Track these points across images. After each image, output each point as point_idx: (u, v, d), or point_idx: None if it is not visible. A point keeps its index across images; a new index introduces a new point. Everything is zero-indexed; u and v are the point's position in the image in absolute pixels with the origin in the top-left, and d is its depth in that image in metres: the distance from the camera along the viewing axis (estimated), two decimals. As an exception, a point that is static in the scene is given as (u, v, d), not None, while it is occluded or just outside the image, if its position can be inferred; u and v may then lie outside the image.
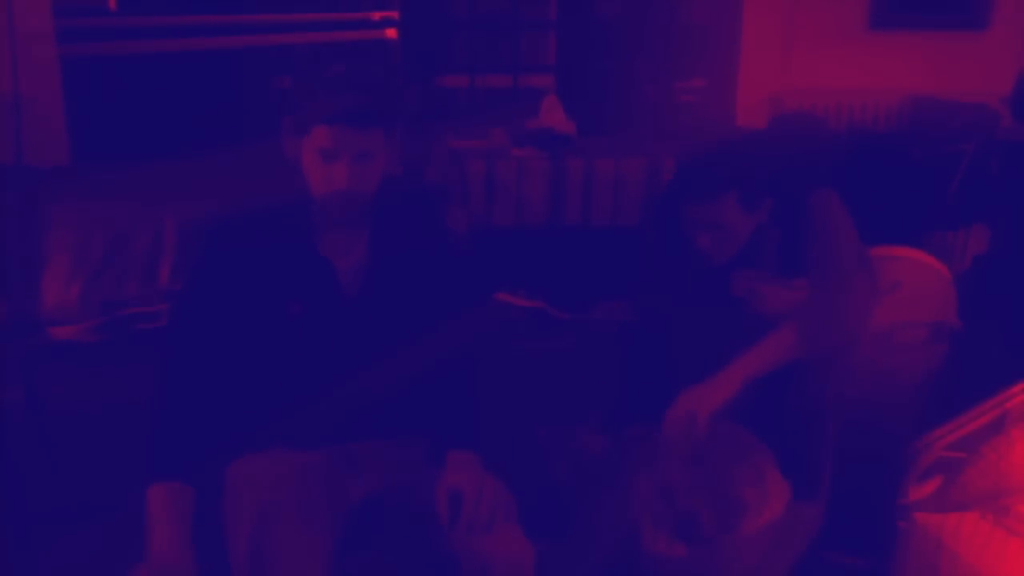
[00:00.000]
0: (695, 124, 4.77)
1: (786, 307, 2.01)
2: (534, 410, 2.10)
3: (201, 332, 1.70)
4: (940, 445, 1.97)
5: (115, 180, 3.03)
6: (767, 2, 4.44)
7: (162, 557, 1.58)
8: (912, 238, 2.78)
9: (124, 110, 4.05)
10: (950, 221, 3.72)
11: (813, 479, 2.01)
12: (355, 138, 1.63)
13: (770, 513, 1.84)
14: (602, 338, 2.41)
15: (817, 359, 1.99)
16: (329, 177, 1.66)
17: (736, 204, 1.97)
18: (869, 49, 4.45)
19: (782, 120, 4.07)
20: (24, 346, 2.59)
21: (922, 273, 2.45)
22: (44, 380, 2.41)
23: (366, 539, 1.75)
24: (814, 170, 2.32)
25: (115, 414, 2.38)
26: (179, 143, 3.86)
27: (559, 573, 1.86)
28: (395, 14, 4.93)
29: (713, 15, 4.73)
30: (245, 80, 4.62)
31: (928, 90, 4.37)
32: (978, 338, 2.57)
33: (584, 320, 2.58)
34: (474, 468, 1.70)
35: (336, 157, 1.64)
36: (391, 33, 4.92)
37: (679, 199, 2.02)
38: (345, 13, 4.82)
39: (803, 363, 1.98)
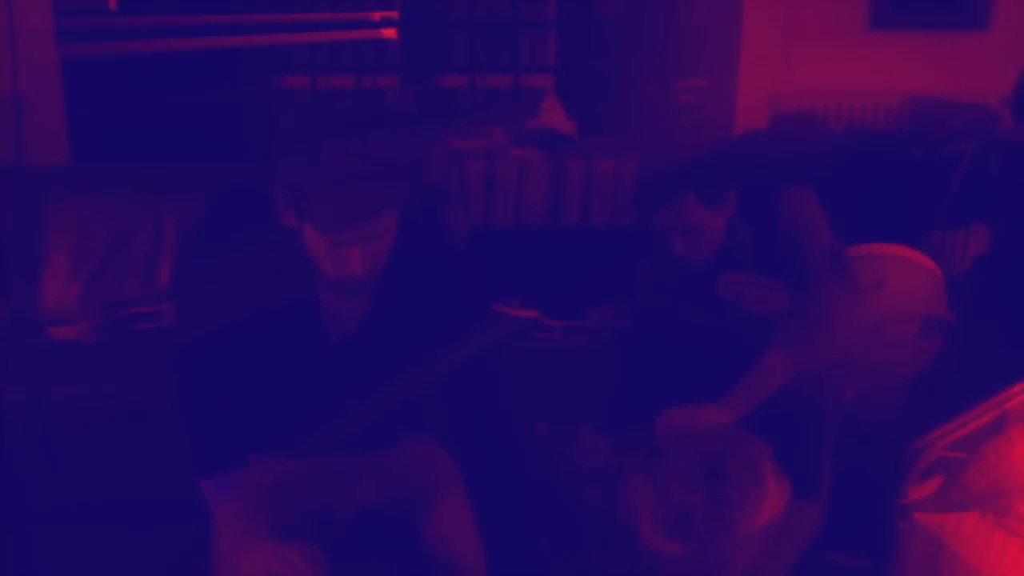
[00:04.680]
0: (695, 124, 4.77)
1: (771, 307, 2.02)
2: (533, 411, 2.10)
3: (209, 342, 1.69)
4: (940, 445, 1.97)
5: (115, 180, 3.03)
6: (767, 2, 4.42)
7: None
8: (912, 238, 2.78)
9: (124, 110, 4.06)
10: (950, 221, 3.71)
11: (813, 479, 2.01)
12: (364, 228, 1.52)
13: (770, 512, 1.84)
14: (597, 343, 2.41)
15: (815, 369, 2.00)
16: (341, 262, 1.55)
17: (697, 203, 1.97)
18: (869, 49, 4.44)
19: (782, 120, 4.07)
20: (24, 346, 2.59)
21: (907, 269, 2.46)
22: (44, 380, 2.41)
23: (353, 549, 1.75)
24: (781, 168, 2.31)
25: (115, 414, 2.38)
26: (179, 143, 3.87)
27: (559, 572, 1.87)
28: (395, 14, 4.93)
29: (713, 15, 4.72)
30: (245, 80, 4.62)
31: (928, 90, 4.36)
32: (978, 338, 2.57)
33: (577, 328, 2.58)
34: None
35: (346, 246, 1.53)
36: (391, 33, 4.92)
37: (644, 209, 2.03)
38: (345, 13, 4.82)
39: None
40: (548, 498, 1.94)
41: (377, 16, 4.89)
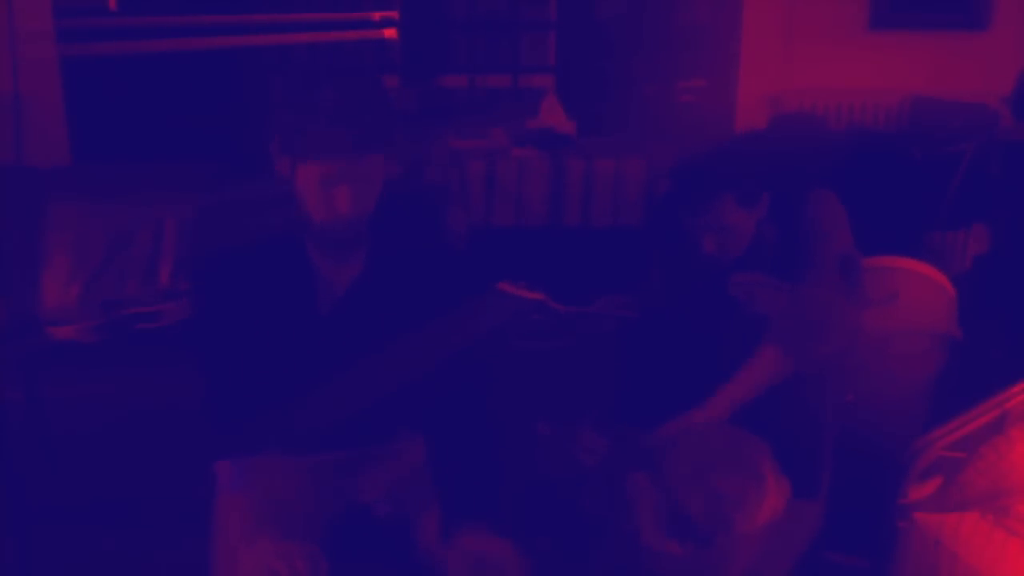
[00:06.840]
0: (695, 124, 4.77)
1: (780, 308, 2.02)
2: (533, 408, 2.10)
3: (213, 337, 1.69)
4: (940, 445, 1.97)
5: (115, 180, 3.04)
6: (767, 2, 4.43)
7: None
8: (912, 238, 2.78)
9: (124, 110, 4.06)
10: (950, 221, 3.72)
11: (813, 479, 2.01)
12: (354, 166, 1.58)
13: (770, 512, 1.84)
14: (601, 334, 2.41)
15: (808, 371, 2.00)
16: (330, 203, 1.60)
17: (735, 204, 1.98)
18: (869, 49, 4.45)
19: (782, 120, 4.07)
20: (24, 346, 2.59)
21: (921, 284, 2.45)
22: (44, 380, 2.41)
23: (350, 547, 1.75)
24: (814, 170, 2.31)
25: (115, 414, 2.39)
26: (178, 143, 3.87)
27: (558, 572, 1.87)
28: (395, 14, 4.94)
29: (713, 15, 4.72)
30: (245, 80, 4.62)
31: (928, 90, 4.37)
32: (978, 339, 2.57)
33: (583, 313, 2.58)
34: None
35: (336, 183, 1.59)
36: (391, 33, 4.92)
37: (678, 209, 2.03)
38: (345, 13, 4.83)
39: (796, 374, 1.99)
40: (548, 498, 1.94)
41: (377, 16, 4.89)
